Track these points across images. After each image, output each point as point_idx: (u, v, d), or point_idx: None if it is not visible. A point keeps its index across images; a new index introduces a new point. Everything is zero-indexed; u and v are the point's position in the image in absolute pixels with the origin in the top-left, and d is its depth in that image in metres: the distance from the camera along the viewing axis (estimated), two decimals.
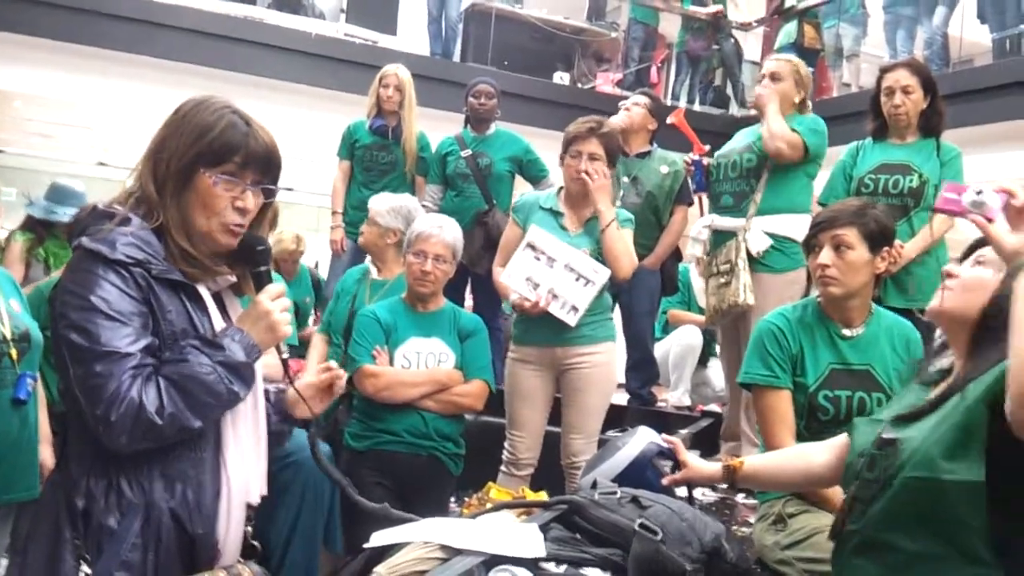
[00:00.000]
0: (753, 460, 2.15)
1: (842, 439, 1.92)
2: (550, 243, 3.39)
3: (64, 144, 10.34)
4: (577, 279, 3.33)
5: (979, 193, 1.64)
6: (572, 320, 3.32)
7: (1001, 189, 1.63)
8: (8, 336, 2.53)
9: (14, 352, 2.53)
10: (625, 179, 4.42)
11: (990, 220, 1.62)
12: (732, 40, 9.52)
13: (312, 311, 5.82)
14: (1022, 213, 1.60)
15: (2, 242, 4.15)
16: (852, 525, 1.61)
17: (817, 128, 3.73)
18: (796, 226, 3.60)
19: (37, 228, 3.97)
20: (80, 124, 9.80)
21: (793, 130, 3.67)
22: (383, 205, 3.68)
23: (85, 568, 1.53)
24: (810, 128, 3.71)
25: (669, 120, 4.55)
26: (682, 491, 2.20)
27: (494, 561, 1.63)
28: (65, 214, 3.84)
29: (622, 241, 3.36)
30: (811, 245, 2.48)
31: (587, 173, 3.33)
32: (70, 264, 1.59)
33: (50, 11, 7.48)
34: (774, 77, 3.81)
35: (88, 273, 1.52)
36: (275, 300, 1.66)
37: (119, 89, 8.26)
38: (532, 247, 3.40)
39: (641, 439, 2.21)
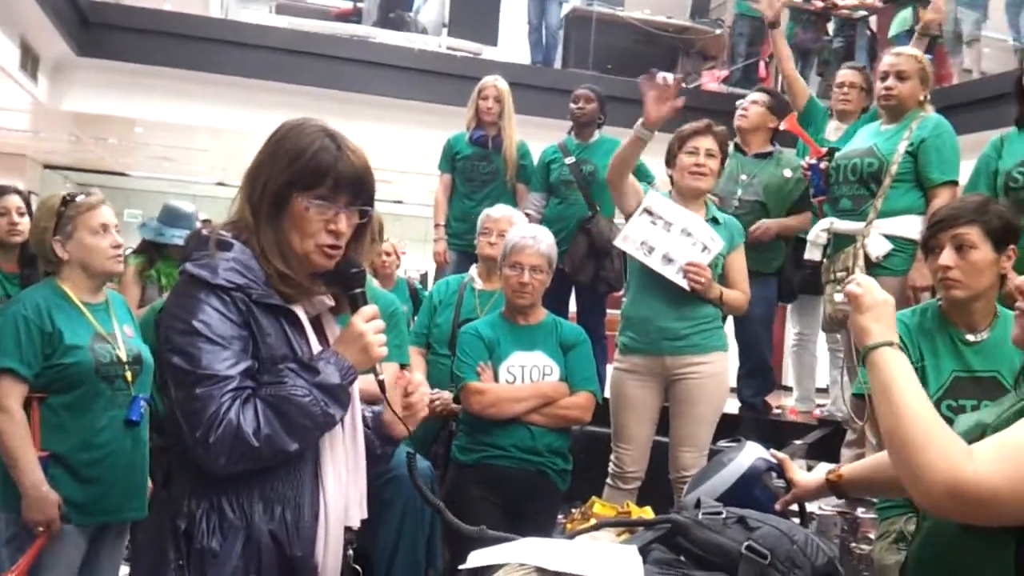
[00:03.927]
0: (852, 468, 2.01)
1: None
2: (668, 208, 3.37)
3: (184, 167, 10.82)
4: (694, 244, 3.32)
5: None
6: (686, 283, 3.29)
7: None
8: (124, 358, 2.63)
9: (129, 374, 2.63)
10: (744, 177, 4.31)
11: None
12: (868, 32, 9.07)
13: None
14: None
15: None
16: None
17: (951, 157, 3.54)
18: (917, 227, 3.42)
19: (149, 250, 4.05)
20: (198, 147, 10.20)
21: (921, 142, 3.52)
22: (520, 218, 3.70)
23: None
24: (946, 160, 3.52)
25: (782, 125, 4.39)
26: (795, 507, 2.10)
27: None
28: (174, 236, 3.90)
29: (735, 298, 3.45)
30: (930, 246, 2.33)
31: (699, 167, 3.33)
32: (175, 289, 1.64)
33: (163, 40, 7.83)
34: (900, 76, 3.61)
35: (191, 298, 1.56)
36: (369, 322, 1.66)
37: (234, 112, 8.55)
38: (649, 212, 3.37)
39: (748, 455, 2.10)
